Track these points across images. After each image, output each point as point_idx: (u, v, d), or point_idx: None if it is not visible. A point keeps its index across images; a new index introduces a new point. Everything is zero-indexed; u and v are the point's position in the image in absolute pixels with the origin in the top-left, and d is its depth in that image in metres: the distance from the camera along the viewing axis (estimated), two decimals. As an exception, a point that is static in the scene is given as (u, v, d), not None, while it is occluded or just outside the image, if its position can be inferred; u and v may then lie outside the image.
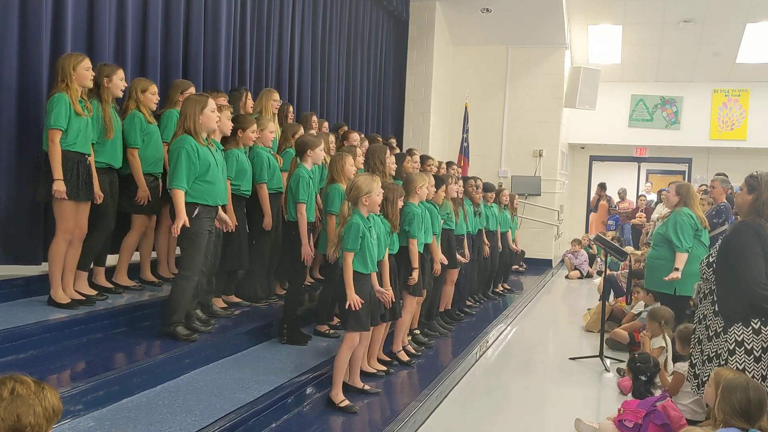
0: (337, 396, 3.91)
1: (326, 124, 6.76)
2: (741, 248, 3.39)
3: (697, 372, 3.65)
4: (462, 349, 5.57)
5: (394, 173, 5.53)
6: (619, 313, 7.02)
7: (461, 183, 6.68)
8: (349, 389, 4.09)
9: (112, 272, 4.80)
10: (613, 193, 14.32)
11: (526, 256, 11.18)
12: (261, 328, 4.74)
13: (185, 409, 3.31)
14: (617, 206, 13.86)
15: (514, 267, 10.20)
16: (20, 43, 4.27)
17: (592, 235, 10.26)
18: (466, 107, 11.62)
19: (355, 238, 3.80)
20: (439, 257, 5.51)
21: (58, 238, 4.05)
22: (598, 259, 11.62)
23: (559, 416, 4.53)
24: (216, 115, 4.16)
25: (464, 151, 11.46)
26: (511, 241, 8.90)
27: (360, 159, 5.25)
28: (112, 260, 4.83)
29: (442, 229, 5.66)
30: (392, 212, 4.34)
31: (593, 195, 14.25)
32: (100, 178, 4.29)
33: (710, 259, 3.65)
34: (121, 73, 4.43)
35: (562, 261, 12.28)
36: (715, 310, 3.51)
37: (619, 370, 5.44)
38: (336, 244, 3.96)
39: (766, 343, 3.33)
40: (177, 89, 4.96)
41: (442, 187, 5.55)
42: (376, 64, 10.37)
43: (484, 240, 7.57)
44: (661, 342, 5.13)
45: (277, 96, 5.77)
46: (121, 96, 4.52)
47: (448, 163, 7.54)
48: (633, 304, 6.96)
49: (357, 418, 3.82)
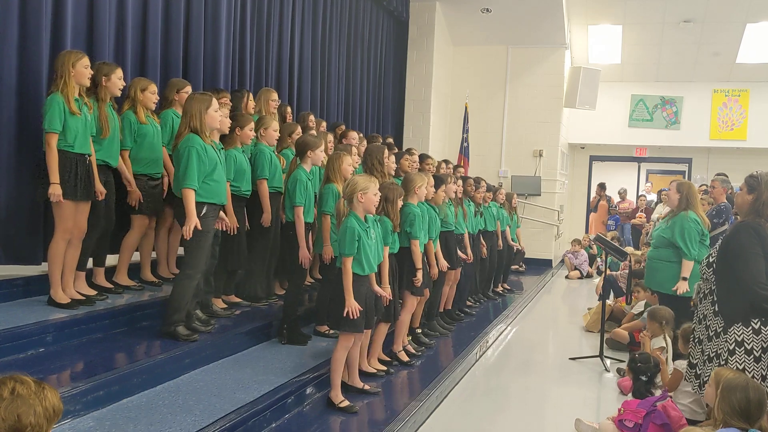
0: (337, 396, 3.91)
1: (324, 124, 6.75)
2: (741, 248, 3.39)
3: (699, 372, 3.65)
4: (462, 349, 5.57)
5: (394, 173, 5.53)
6: (619, 313, 7.02)
7: (461, 183, 6.68)
8: (349, 389, 4.09)
9: (112, 272, 4.80)
10: (613, 193, 14.32)
11: (526, 256, 11.18)
12: (261, 328, 4.74)
13: (185, 409, 3.31)
14: (617, 206, 13.85)
15: (514, 267, 10.20)
16: (20, 42, 4.27)
17: (592, 235, 10.27)
18: (466, 107, 11.62)
19: (351, 242, 3.75)
20: (442, 263, 5.50)
21: (57, 238, 4.05)
22: (598, 260, 11.63)
23: (559, 416, 4.53)
24: (219, 115, 4.16)
25: (464, 151, 11.47)
26: (511, 239, 8.90)
27: (356, 158, 5.24)
28: (113, 260, 4.83)
29: (442, 231, 5.65)
30: (393, 212, 4.34)
31: (593, 195, 14.25)
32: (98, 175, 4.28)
33: (710, 259, 3.65)
34: (120, 72, 4.42)
35: (562, 261, 12.28)
36: (715, 310, 3.51)
37: (619, 370, 5.44)
38: (333, 242, 3.90)
39: (766, 343, 3.33)
40: (173, 88, 4.94)
41: (442, 187, 5.55)
42: (376, 64, 10.37)
43: (483, 242, 7.56)
44: (661, 342, 5.12)
45: (275, 96, 5.76)
46: (120, 95, 4.52)
47: (451, 164, 7.54)
48: (633, 304, 6.96)
49: (357, 418, 3.81)
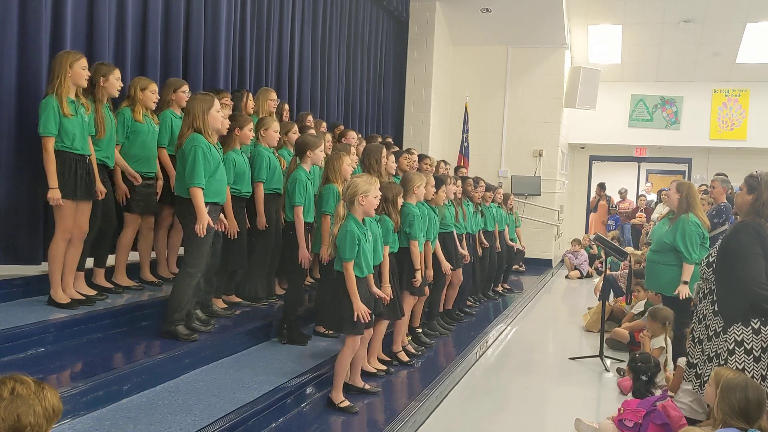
0: (337, 397, 3.91)
1: (324, 124, 6.75)
2: (741, 248, 3.39)
3: (699, 372, 3.65)
4: (462, 349, 5.57)
5: (394, 172, 5.53)
6: (619, 313, 7.02)
7: (460, 183, 6.68)
8: (349, 389, 4.09)
9: (111, 272, 4.80)
10: (614, 193, 14.32)
11: (526, 256, 11.18)
12: (261, 328, 4.74)
13: (185, 409, 3.31)
14: (617, 206, 13.85)
15: (514, 267, 10.20)
16: (20, 42, 4.26)
17: (592, 235, 10.27)
18: (466, 107, 11.62)
19: (352, 246, 3.72)
20: (445, 266, 5.50)
21: (57, 238, 4.05)
22: (597, 261, 11.63)
23: (559, 416, 4.53)
24: (220, 116, 4.16)
25: (464, 151, 11.47)
26: (509, 239, 8.90)
27: (354, 158, 5.24)
28: (112, 261, 4.83)
29: (441, 232, 5.65)
30: (394, 211, 4.33)
31: (593, 195, 14.25)
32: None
33: (710, 258, 3.65)
34: (118, 73, 4.41)
35: (562, 261, 12.28)
36: (715, 309, 3.51)
37: (619, 370, 5.44)
38: (330, 245, 3.88)
39: (765, 343, 3.33)
40: (170, 88, 4.94)
41: (442, 188, 5.55)
42: (376, 64, 10.37)
43: (483, 240, 7.56)
44: (661, 342, 5.12)
45: (274, 95, 5.76)
46: (117, 96, 4.51)
47: (450, 165, 7.54)
48: (633, 304, 6.96)
49: (357, 418, 3.81)
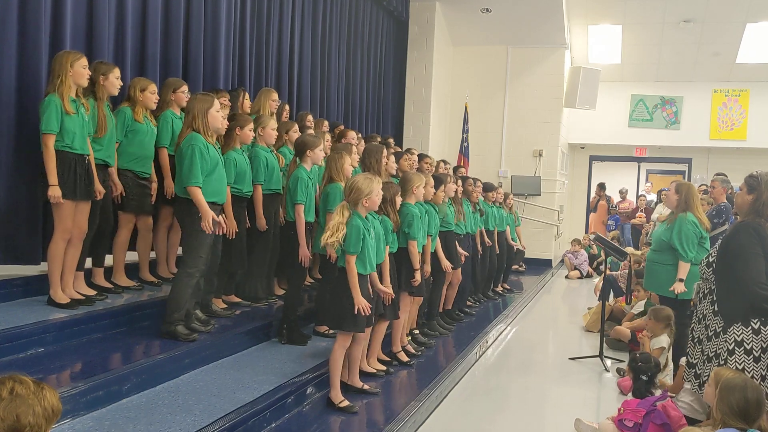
0: (336, 396, 3.91)
1: (326, 123, 6.74)
2: (741, 248, 3.39)
3: (698, 372, 3.65)
4: (462, 349, 5.57)
5: (394, 172, 5.52)
6: (619, 313, 7.01)
7: (460, 182, 6.68)
8: (348, 389, 4.09)
9: (111, 272, 4.80)
10: (614, 193, 14.31)
11: (526, 256, 11.18)
12: (261, 328, 4.74)
13: (185, 409, 3.31)
14: (617, 206, 13.85)
15: (514, 267, 10.20)
16: (19, 42, 4.26)
17: (592, 235, 10.26)
18: (466, 107, 11.62)
19: (357, 240, 3.75)
20: (445, 264, 5.49)
21: (56, 238, 4.04)
22: (597, 261, 11.63)
23: (559, 416, 4.53)
24: (220, 115, 4.16)
25: (464, 151, 11.46)
26: (510, 239, 8.90)
27: (355, 157, 5.24)
28: (112, 260, 4.82)
29: (442, 231, 5.65)
30: (392, 210, 4.33)
31: (593, 195, 14.25)
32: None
33: (710, 258, 3.64)
34: (118, 72, 4.42)
35: (562, 261, 12.28)
36: (715, 309, 3.51)
37: (619, 370, 5.44)
38: (331, 245, 3.83)
39: (765, 343, 3.33)
40: (169, 88, 4.94)
41: (442, 187, 5.54)
42: (376, 64, 10.37)
43: (486, 239, 7.56)
44: (662, 342, 5.12)
45: (275, 96, 5.75)
46: (117, 95, 4.52)
47: (450, 165, 7.54)
48: (633, 304, 6.96)
49: (357, 418, 3.81)
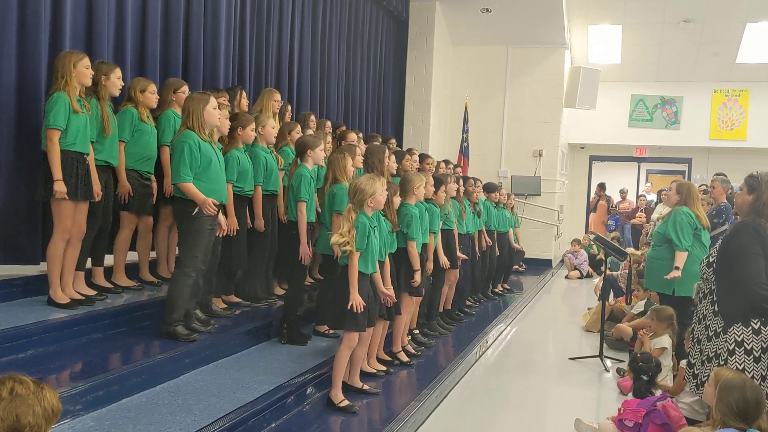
0: (337, 396, 3.91)
1: (329, 123, 6.73)
2: (741, 248, 3.39)
3: (696, 372, 3.65)
4: (462, 349, 5.57)
5: (394, 172, 5.52)
6: (619, 313, 7.01)
7: (461, 182, 6.67)
8: (348, 389, 4.08)
9: (111, 272, 4.80)
10: (614, 193, 14.31)
11: (526, 256, 11.17)
12: (261, 328, 4.74)
13: (185, 409, 3.31)
14: (617, 206, 13.85)
15: (514, 267, 10.20)
16: (19, 42, 4.26)
17: (592, 235, 10.26)
18: (466, 107, 11.62)
19: (362, 237, 3.77)
20: (443, 260, 5.49)
21: (56, 238, 4.04)
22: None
23: (559, 416, 4.53)
24: (218, 113, 4.16)
25: (464, 151, 11.46)
26: (513, 239, 8.90)
27: (359, 158, 5.25)
28: (111, 260, 4.82)
29: (443, 229, 5.65)
30: (389, 211, 4.34)
31: (593, 195, 14.25)
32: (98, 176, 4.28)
33: (710, 259, 3.64)
34: (119, 72, 4.43)
35: (562, 261, 12.28)
36: (715, 310, 3.50)
37: (619, 370, 5.44)
38: (341, 237, 3.85)
39: (765, 344, 3.33)
40: (170, 88, 4.94)
41: (442, 188, 5.54)
42: (376, 64, 10.37)
43: (486, 239, 7.56)
44: (663, 342, 5.11)
45: (278, 96, 5.76)
46: (118, 95, 4.52)
47: (446, 162, 7.53)
48: (633, 304, 6.96)
49: (357, 418, 3.81)
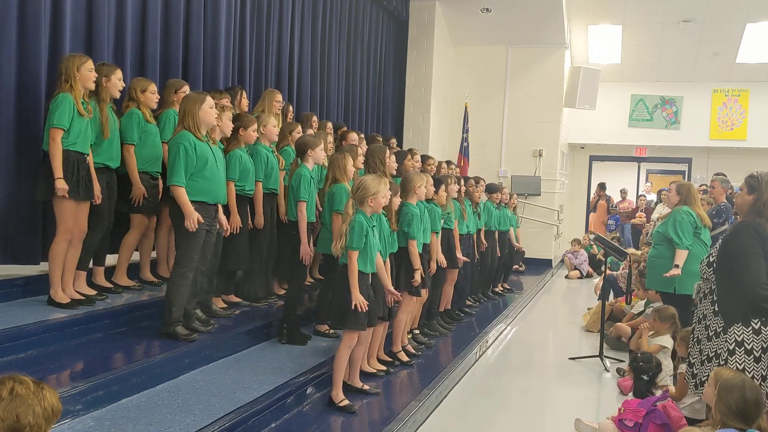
0: (337, 396, 3.91)
1: (330, 124, 6.73)
2: (741, 248, 3.38)
3: (695, 372, 3.64)
4: (462, 349, 5.57)
5: (395, 172, 5.53)
6: (619, 313, 7.01)
7: (463, 182, 6.67)
8: (349, 389, 4.09)
9: (111, 272, 4.80)
10: (614, 193, 14.30)
11: (526, 256, 11.17)
12: (261, 328, 4.74)
13: (185, 409, 3.31)
14: (617, 206, 13.85)
15: (514, 267, 10.20)
16: (19, 43, 4.26)
17: (592, 235, 10.25)
18: (466, 107, 11.62)
19: (359, 237, 3.78)
20: (441, 258, 5.50)
21: (58, 238, 4.05)
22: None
23: (559, 416, 4.53)
24: (214, 111, 4.16)
25: (464, 151, 11.46)
26: (514, 239, 8.90)
27: (360, 159, 5.25)
28: (112, 260, 4.82)
29: (443, 229, 5.65)
30: (388, 211, 4.35)
31: (593, 195, 14.25)
32: (97, 178, 4.28)
33: (710, 258, 3.64)
34: (120, 73, 4.43)
35: (562, 261, 12.28)
36: (715, 309, 3.50)
37: (619, 370, 5.44)
38: (340, 239, 3.90)
39: (766, 344, 3.33)
40: (171, 89, 4.96)
41: (442, 187, 5.54)
42: (376, 64, 10.37)
43: (482, 241, 7.56)
44: (664, 342, 5.11)
45: (279, 97, 5.77)
46: (119, 96, 4.52)
47: (448, 162, 7.53)
48: (633, 304, 6.96)
49: (357, 418, 3.81)
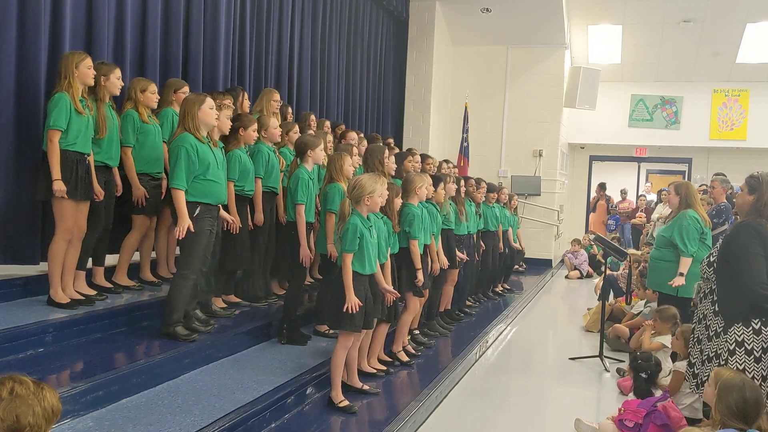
0: (337, 396, 3.91)
1: (328, 123, 6.74)
2: (742, 248, 3.38)
3: (696, 371, 3.64)
4: (462, 349, 5.56)
5: (394, 173, 5.53)
6: (619, 313, 7.01)
7: (462, 182, 6.66)
8: (348, 389, 4.09)
9: (111, 272, 4.80)
10: (614, 193, 14.30)
11: (526, 256, 11.16)
12: (261, 328, 4.74)
13: (185, 409, 3.31)
14: (617, 206, 13.85)
15: (514, 267, 10.19)
16: (19, 43, 4.26)
17: (592, 235, 10.25)
18: (466, 107, 11.62)
19: (353, 239, 3.76)
20: (442, 260, 5.50)
21: (57, 238, 4.05)
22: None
23: (559, 416, 4.53)
24: (214, 112, 4.16)
25: (464, 151, 11.47)
26: (512, 240, 8.89)
27: (357, 158, 5.25)
28: (112, 260, 4.82)
29: (442, 229, 5.65)
30: (390, 211, 4.34)
31: (593, 195, 14.24)
32: (96, 176, 4.28)
33: (711, 258, 3.64)
34: (119, 72, 4.43)
35: (562, 261, 12.28)
36: (716, 309, 3.50)
37: (619, 370, 5.44)
38: (336, 241, 3.92)
39: (766, 344, 3.32)
40: (170, 88, 4.97)
41: (441, 185, 5.54)
42: (376, 64, 10.37)
43: (481, 242, 7.55)
44: (665, 341, 5.10)
45: (277, 96, 5.77)
46: (118, 95, 4.52)
47: (446, 161, 7.53)
48: (633, 304, 6.96)
49: (357, 418, 3.81)
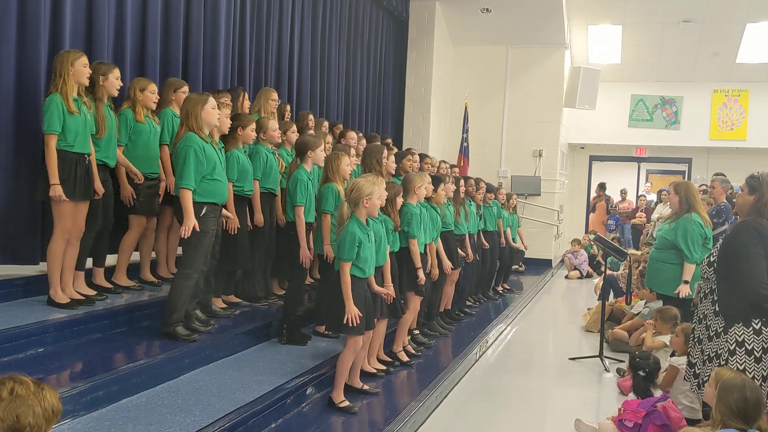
0: (338, 396, 3.91)
1: (326, 123, 6.74)
2: (742, 248, 3.38)
3: (697, 372, 3.64)
4: (462, 349, 5.56)
5: (394, 172, 5.52)
6: (619, 313, 7.01)
7: (462, 182, 6.67)
8: (348, 389, 4.08)
9: (111, 272, 4.80)
10: (614, 193, 14.30)
11: (526, 256, 11.16)
12: (261, 328, 4.74)
13: (184, 409, 3.31)
14: (617, 206, 13.85)
15: (514, 267, 10.20)
16: (18, 42, 4.26)
17: (592, 235, 10.25)
18: (466, 107, 11.62)
19: (351, 247, 3.72)
20: (446, 264, 5.49)
21: (56, 237, 4.04)
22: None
23: (559, 416, 4.53)
24: (217, 112, 4.16)
25: (464, 151, 11.47)
26: (511, 239, 8.89)
27: (354, 158, 5.24)
28: (112, 260, 4.82)
29: (442, 231, 5.64)
30: (392, 210, 4.34)
31: (593, 195, 14.24)
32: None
33: (711, 258, 3.64)
34: (117, 72, 4.42)
35: (562, 261, 12.28)
36: (716, 309, 3.50)
37: (619, 370, 5.44)
38: (332, 242, 3.90)
39: (766, 344, 3.32)
40: (170, 88, 4.97)
41: (441, 186, 5.54)
42: (376, 64, 10.36)
43: (483, 241, 7.55)
44: (667, 340, 5.10)
45: (275, 95, 5.76)
46: (117, 95, 4.52)
47: (448, 164, 7.54)
48: (633, 304, 6.96)
49: (357, 418, 3.81)
